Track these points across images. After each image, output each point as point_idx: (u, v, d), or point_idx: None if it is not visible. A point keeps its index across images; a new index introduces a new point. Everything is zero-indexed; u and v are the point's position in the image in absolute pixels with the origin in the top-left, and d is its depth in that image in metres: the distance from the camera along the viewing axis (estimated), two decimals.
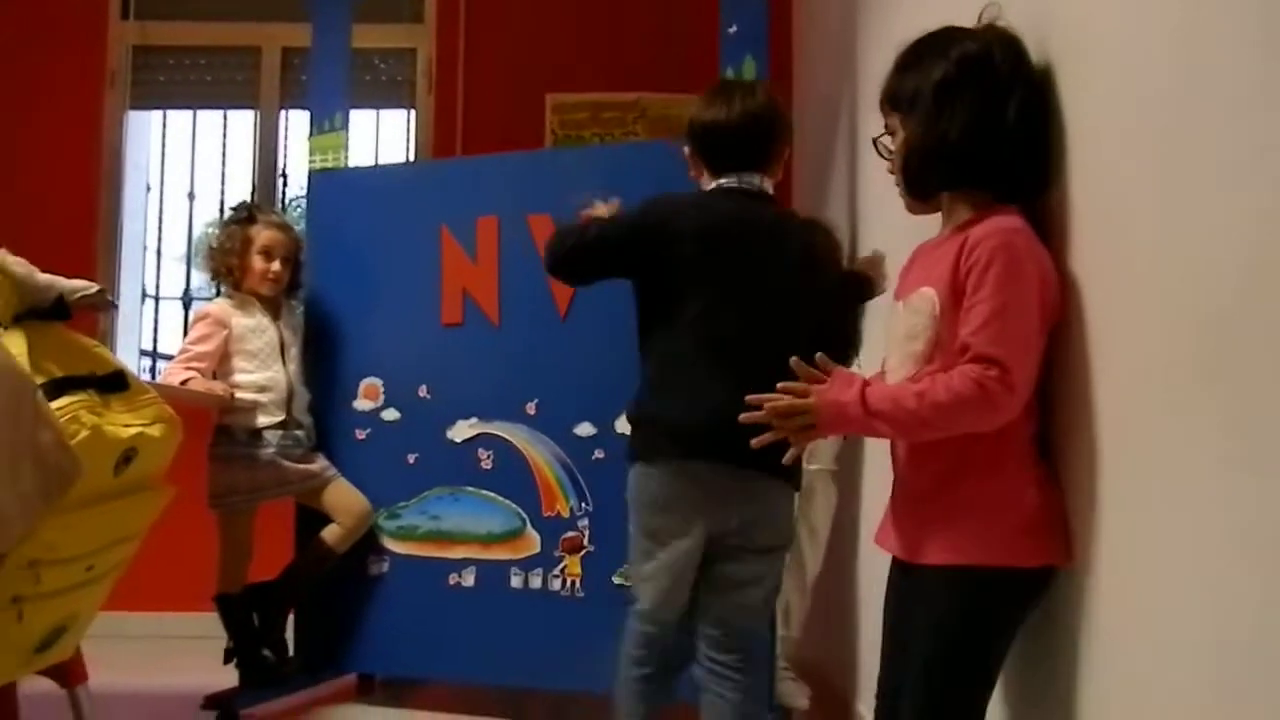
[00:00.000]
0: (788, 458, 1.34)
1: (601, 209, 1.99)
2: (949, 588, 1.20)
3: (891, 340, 1.33)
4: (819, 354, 1.28)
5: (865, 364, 1.73)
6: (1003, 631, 1.20)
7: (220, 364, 2.57)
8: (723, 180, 1.84)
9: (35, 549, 1.24)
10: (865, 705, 2.11)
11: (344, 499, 2.58)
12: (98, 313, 1.52)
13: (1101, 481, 1.10)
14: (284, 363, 2.62)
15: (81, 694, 1.54)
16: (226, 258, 2.62)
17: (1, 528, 1.10)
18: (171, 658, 2.83)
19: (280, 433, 2.55)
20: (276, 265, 2.62)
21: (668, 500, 1.72)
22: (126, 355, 3.73)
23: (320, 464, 2.61)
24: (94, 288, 1.47)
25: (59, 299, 1.38)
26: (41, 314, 1.36)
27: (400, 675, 2.76)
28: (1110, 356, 1.09)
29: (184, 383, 2.46)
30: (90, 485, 1.32)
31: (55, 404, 1.26)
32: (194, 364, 2.51)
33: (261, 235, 2.62)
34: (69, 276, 1.51)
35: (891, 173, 1.36)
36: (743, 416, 1.28)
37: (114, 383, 1.41)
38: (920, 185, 1.31)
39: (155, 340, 3.90)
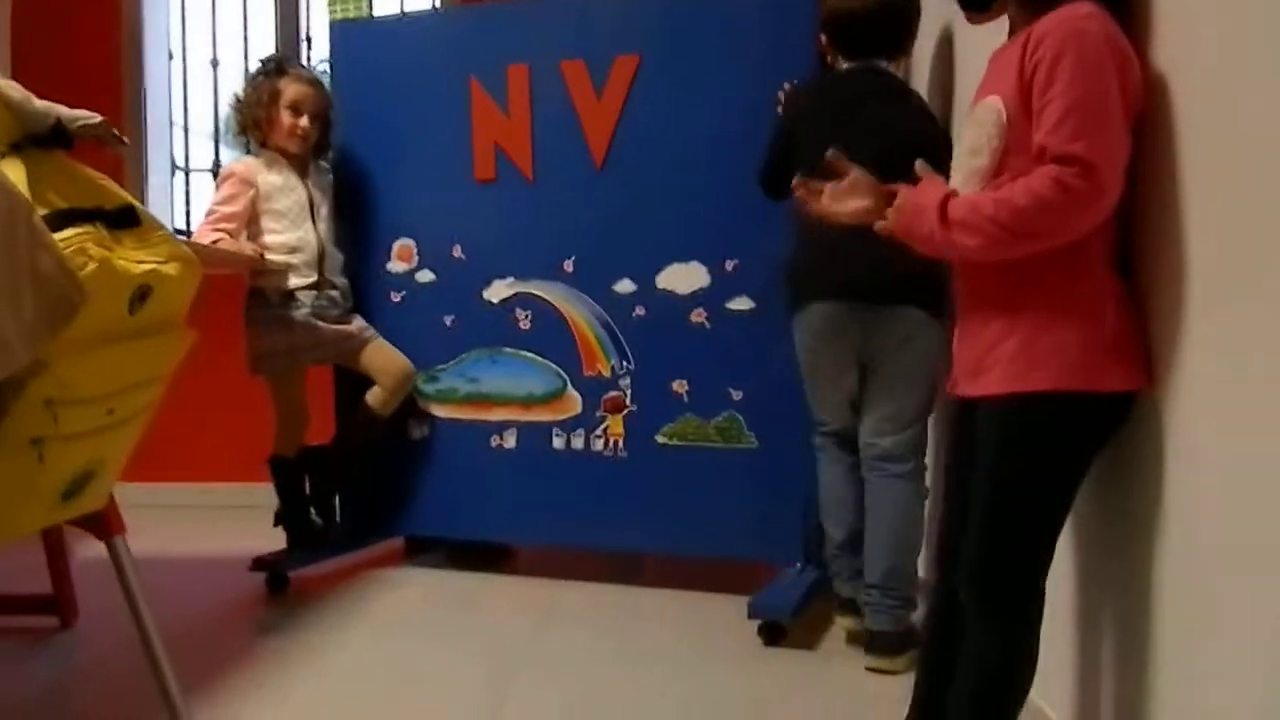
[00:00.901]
0: (878, 226, 1.21)
1: None
2: (1017, 416, 1.10)
3: (956, 158, 1.20)
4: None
5: None
6: (1077, 464, 1.11)
7: (249, 225, 2.49)
8: (854, 63, 1.97)
9: (50, 387, 1.19)
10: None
11: (384, 360, 2.52)
12: (104, 146, 1.41)
13: (1190, 303, 0.98)
14: (314, 222, 2.53)
15: (119, 545, 1.51)
16: (253, 110, 2.51)
17: (3, 353, 1.03)
18: (221, 525, 2.87)
19: (314, 294, 2.49)
20: (305, 121, 2.51)
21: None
22: None
23: (358, 325, 2.55)
24: (96, 117, 1.37)
25: (57, 124, 1.29)
26: (41, 142, 1.27)
27: (445, 538, 2.76)
28: (1200, 162, 0.96)
29: (213, 244, 2.39)
30: (103, 322, 1.25)
31: (59, 235, 1.18)
32: (222, 225, 2.44)
33: (289, 89, 2.51)
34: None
35: None
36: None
37: (124, 217, 1.33)
38: None
39: (188, 215, 3.82)
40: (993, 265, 1.13)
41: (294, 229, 2.50)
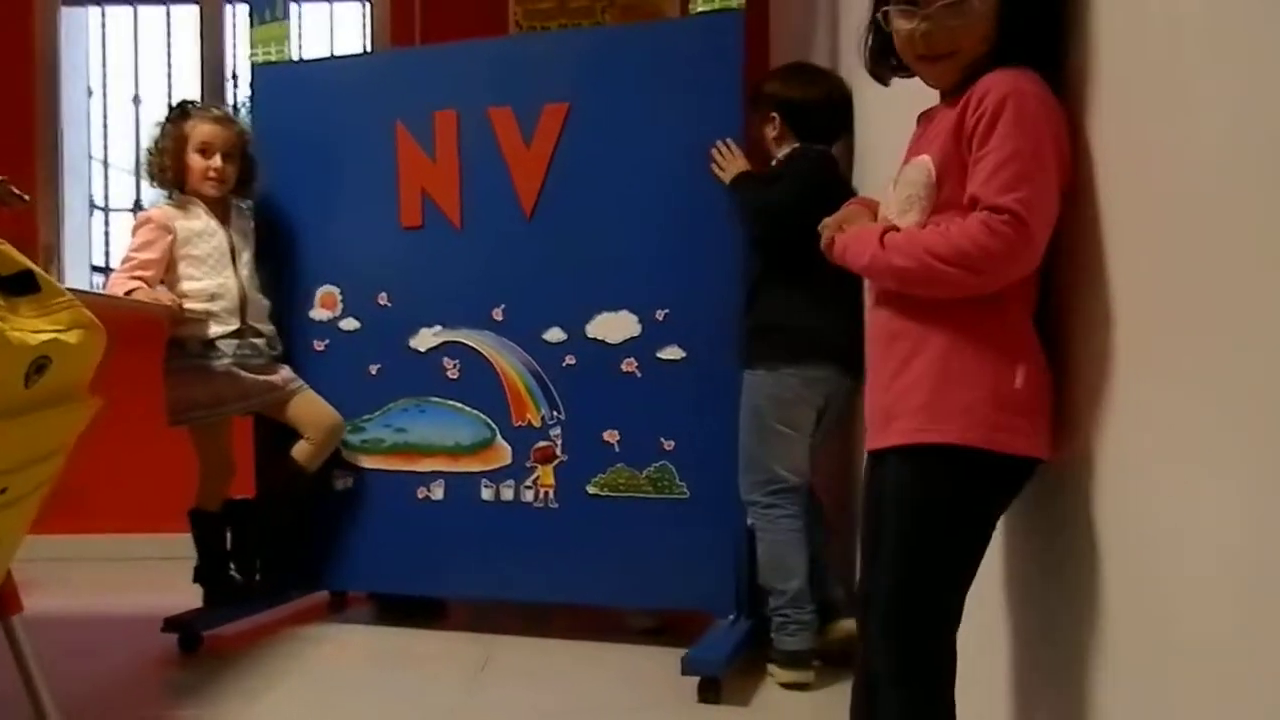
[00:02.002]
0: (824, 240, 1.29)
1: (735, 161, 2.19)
2: (918, 469, 1.10)
3: (884, 218, 1.21)
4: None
5: None
6: (977, 522, 1.10)
7: (167, 272, 2.41)
8: (813, 145, 2.16)
9: None
10: None
11: (312, 412, 2.46)
12: (4, 206, 1.35)
13: (1110, 370, 0.99)
14: (235, 268, 2.46)
15: (15, 625, 1.43)
16: (162, 158, 2.43)
17: None
18: (136, 580, 2.75)
19: (235, 342, 2.41)
20: (217, 161, 2.43)
21: None
22: (77, 271, 3.56)
23: (283, 375, 2.47)
24: None
25: None
26: None
27: (370, 592, 2.69)
28: (1127, 235, 0.97)
29: (129, 293, 2.31)
30: None
31: None
32: (138, 272, 2.35)
33: (197, 130, 2.43)
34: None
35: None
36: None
37: (21, 283, 1.27)
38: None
39: (107, 254, 3.71)
40: (906, 319, 1.13)
41: (214, 275, 2.42)
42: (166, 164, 2.42)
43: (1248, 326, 0.73)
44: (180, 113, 2.46)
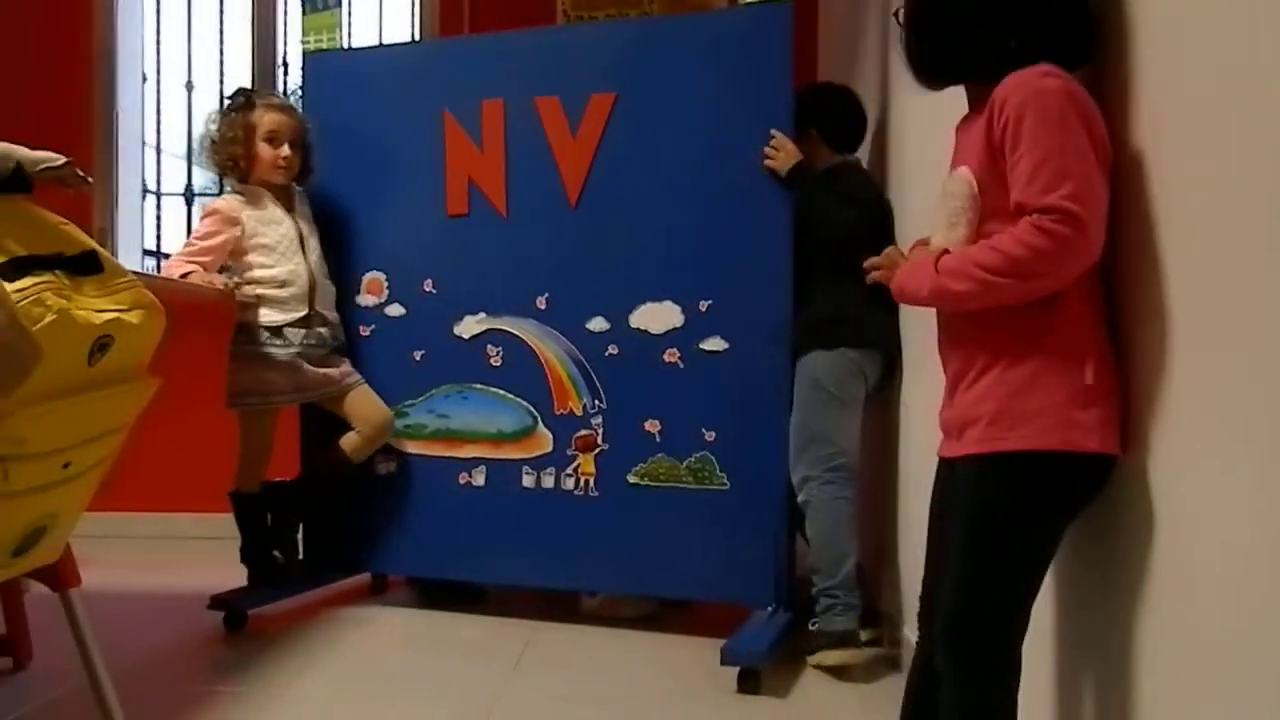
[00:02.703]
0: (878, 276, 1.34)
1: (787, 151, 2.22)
2: (992, 477, 1.10)
3: (935, 230, 1.21)
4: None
5: None
6: (1052, 526, 1.10)
7: (234, 260, 2.45)
8: (847, 157, 2.31)
9: (2, 443, 1.15)
10: (910, 629, 2.03)
11: (366, 408, 2.48)
12: (67, 189, 1.38)
13: (1169, 368, 0.98)
14: (305, 254, 2.48)
15: (73, 597, 1.47)
16: (230, 148, 2.44)
17: None
18: (182, 558, 2.81)
19: (303, 332, 2.44)
20: (285, 150, 2.45)
21: None
22: (129, 254, 3.62)
23: (342, 369, 2.50)
24: (59, 159, 1.34)
25: (18, 169, 1.25)
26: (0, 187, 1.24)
27: (411, 575, 2.72)
28: (1180, 218, 0.96)
29: (184, 276, 2.35)
30: (60, 375, 1.22)
31: (15, 285, 1.15)
32: (197, 258, 2.38)
33: (264, 120, 2.45)
34: None
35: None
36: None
37: (85, 264, 1.30)
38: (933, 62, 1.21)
39: (159, 238, 3.78)
40: (974, 329, 1.14)
41: (285, 262, 2.45)
42: (237, 154, 2.43)
43: None
44: (245, 102, 2.47)
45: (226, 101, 2.55)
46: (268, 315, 2.42)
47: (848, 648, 2.04)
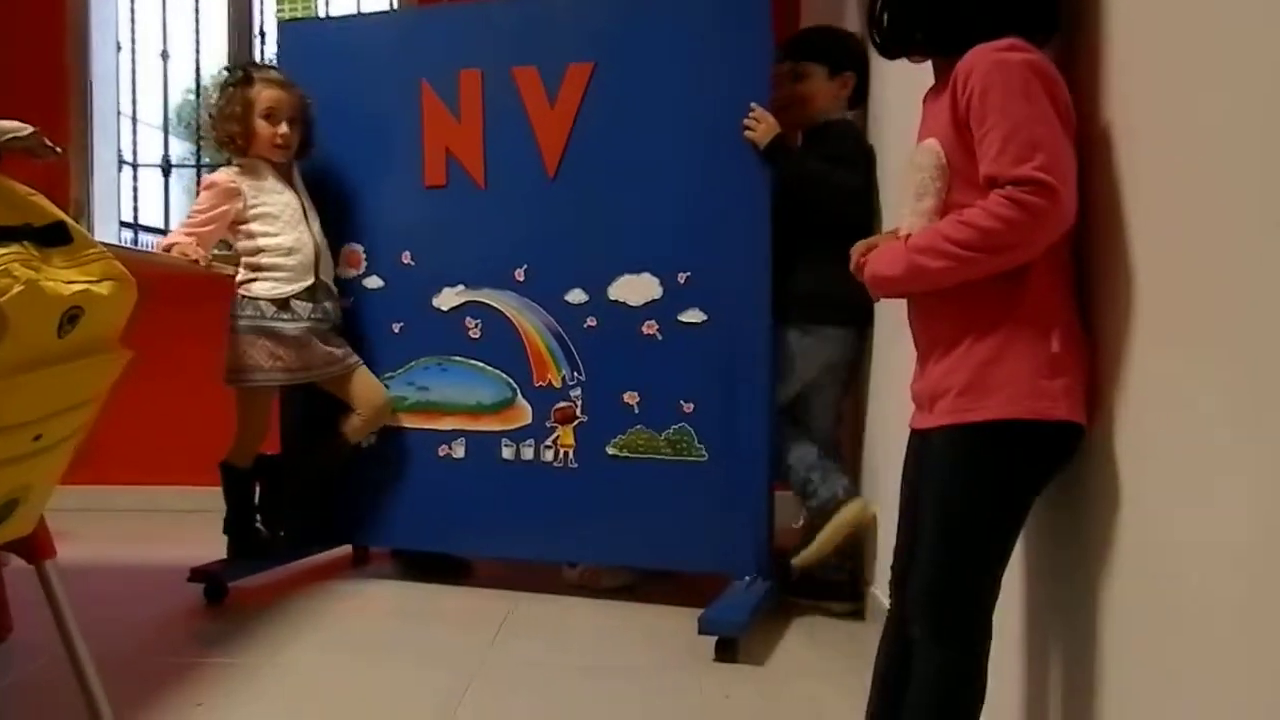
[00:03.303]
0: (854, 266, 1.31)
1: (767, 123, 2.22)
2: (964, 446, 1.12)
3: (903, 203, 1.22)
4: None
5: None
6: (1022, 493, 1.12)
7: (239, 230, 2.43)
8: (847, 114, 2.37)
9: None
10: (879, 588, 2.06)
11: (367, 390, 2.47)
12: (36, 159, 1.37)
13: (1136, 338, 0.99)
14: (308, 224, 2.47)
15: (49, 569, 1.47)
16: (228, 125, 2.41)
17: None
18: (164, 531, 2.80)
19: (310, 305, 2.42)
20: (284, 128, 2.42)
21: None
22: (106, 226, 3.59)
23: (344, 349, 2.48)
24: (26, 129, 1.32)
25: None
26: None
27: (392, 548, 2.73)
28: (1146, 190, 0.97)
29: (168, 248, 2.33)
30: (29, 347, 1.21)
31: None
32: (196, 229, 2.37)
33: (262, 96, 2.41)
34: None
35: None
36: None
37: (54, 235, 1.29)
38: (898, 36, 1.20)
39: (135, 210, 3.75)
40: (942, 302, 1.14)
41: (290, 230, 2.42)
42: (235, 130, 2.40)
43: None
44: (244, 77, 2.43)
45: (224, 74, 2.51)
46: (274, 288, 2.39)
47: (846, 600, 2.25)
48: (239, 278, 2.42)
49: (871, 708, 1.30)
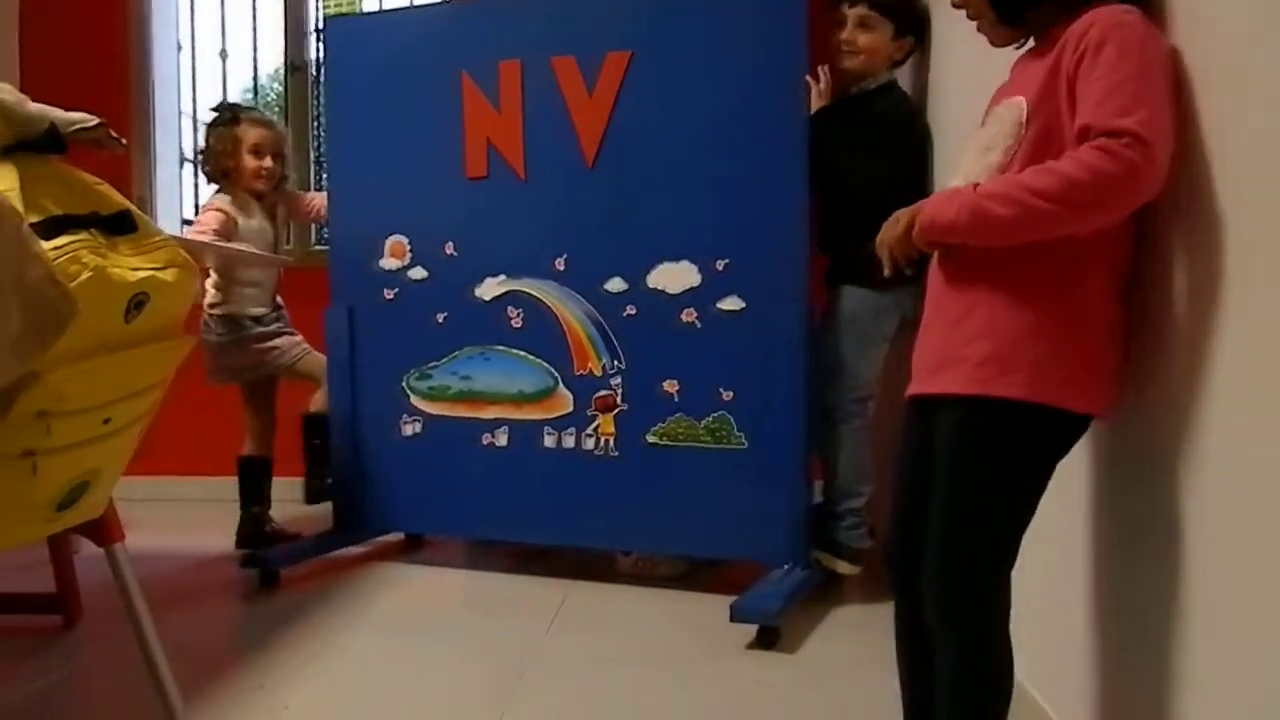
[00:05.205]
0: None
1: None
2: (981, 422, 1.09)
3: (962, 158, 1.18)
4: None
5: None
6: (1038, 476, 1.10)
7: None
8: (891, 76, 2.37)
9: (43, 399, 1.19)
10: None
11: (319, 362, 2.75)
12: (102, 149, 1.42)
13: (1200, 334, 0.97)
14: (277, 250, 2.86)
15: (118, 552, 1.52)
16: (221, 160, 2.73)
17: None
18: (219, 520, 2.86)
19: (273, 314, 2.79)
20: (268, 161, 2.75)
21: None
22: (168, 222, 3.66)
23: (297, 336, 2.81)
24: (92, 120, 1.37)
25: (51, 129, 1.29)
26: (34, 146, 1.27)
27: (436, 535, 2.78)
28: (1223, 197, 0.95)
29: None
30: (98, 332, 1.26)
31: (52, 243, 1.19)
32: (207, 235, 2.63)
33: (249, 134, 2.73)
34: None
35: (958, 5, 1.22)
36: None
37: (120, 223, 1.33)
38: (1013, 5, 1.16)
39: (196, 207, 3.81)
40: (983, 263, 1.10)
41: (264, 266, 2.77)
42: (228, 165, 2.73)
43: None
44: (231, 117, 2.75)
45: (213, 115, 2.82)
46: (249, 309, 2.72)
47: (859, 564, 2.31)
48: (211, 297, 2.72)
49: (906, 693, 1.27)
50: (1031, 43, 1.19)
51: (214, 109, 2.84)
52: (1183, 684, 1.02)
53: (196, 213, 3.80)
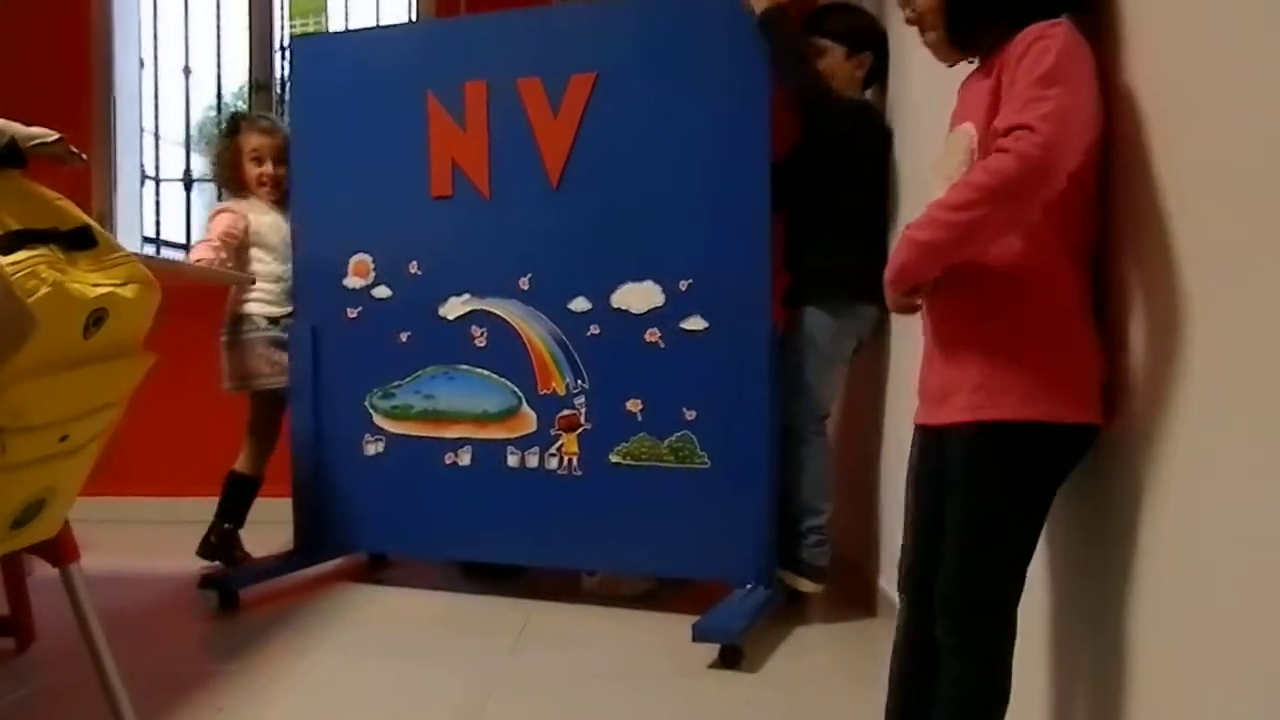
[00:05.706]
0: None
1: None
2: (982, 446, 1.12)
3: (933, 190, 1.21)
4: None
5: None
6: (1042, 493, 1.13)
7: (240, 256, 2.69)
8: (859, 96, 2.42)
9: (0, 416, 1.19)
10: (887, 580, 2.09)
11: None
12: (62, 165, 1.41)
13: (1164, 340, 0.99)
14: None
15: (74, 572, 1.50)
16: (225, 171, 2.77)
17: None
18: (182, 543, 2.83)
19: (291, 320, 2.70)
20: (269, 168, 2.73)
21: None
22: (128, 240, 3.63)
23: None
24: (52, 135, 1.37)
25: (11, 143, 1.28)
26: None
27: (399, 555, 2.76)
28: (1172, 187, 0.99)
29: (197, 260, 2.60)
30: (56, 348, 1.26)
31: (10, 258, 1.18)
32: (217, 242, 2.64)
33: (249, 141, 2.72)
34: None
35: (911, 22, 1.26)
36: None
37: (80, 239, 1.33)
38: (967, 26, 1.19)
39: (158, 225, 3.79)
40: (957, 294, 1.14)
41: (281, 263, 2.71)
42: (228, 176, 2.77)
43: None
44: (232, 128, 2.78)
45: (221, 126, 2.85)
46: (263, 308, 2.67)
47: (821, 581, 2.35)
48: (231, 295, 2.68)
49: (890, 711, 1.28)
50: (977, 63, 1.23)
51: (217, 120, 2.87)
52: (1133, 687, 1.05)
53: (158, 231, 3.80)
